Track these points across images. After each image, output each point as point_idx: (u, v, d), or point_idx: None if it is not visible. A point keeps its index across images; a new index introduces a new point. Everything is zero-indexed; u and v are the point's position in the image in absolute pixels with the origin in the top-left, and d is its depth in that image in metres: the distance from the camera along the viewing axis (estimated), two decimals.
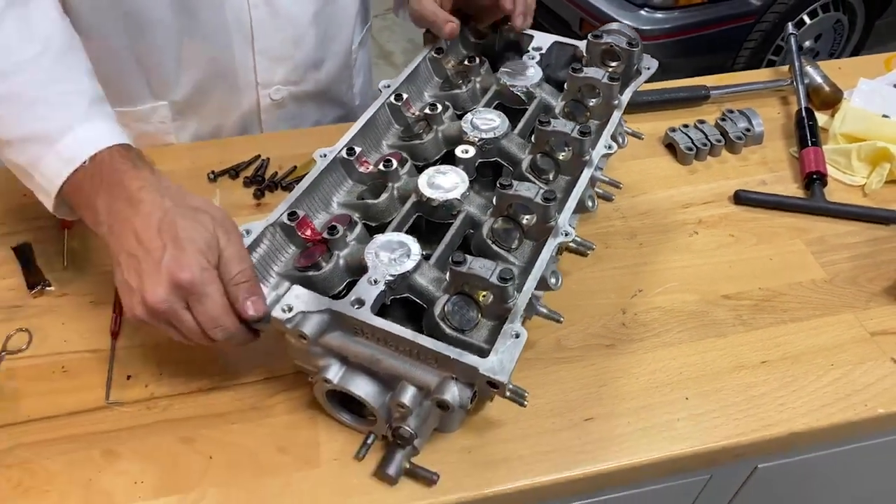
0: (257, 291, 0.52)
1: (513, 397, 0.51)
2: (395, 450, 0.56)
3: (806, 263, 0.74)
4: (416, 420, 0.54)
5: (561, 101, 0.70)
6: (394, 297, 0.55)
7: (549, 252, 0.56)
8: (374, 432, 0.58)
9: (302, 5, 0.81)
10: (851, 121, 0.85)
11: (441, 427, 0.59)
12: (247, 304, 0.51)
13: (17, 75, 0.55)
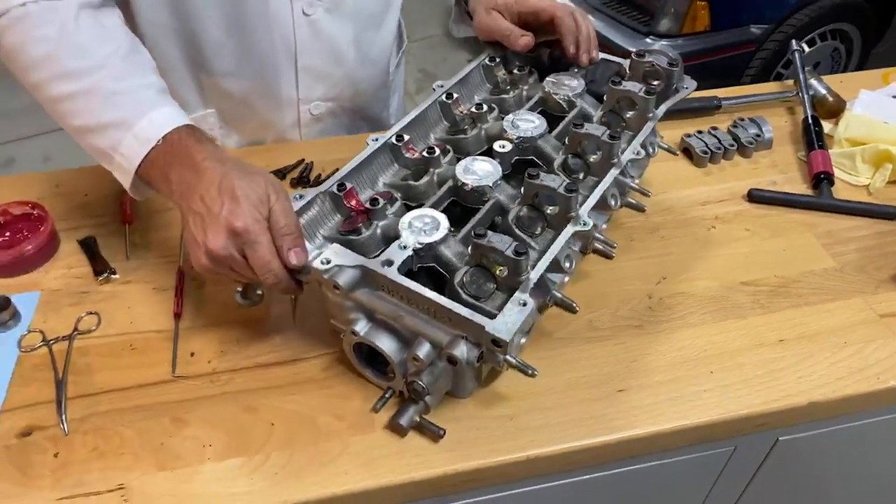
0: (300, 243, 0.58)
1: (520, 367, 0.56)
2: (409, 404, 0.61)
3: (817, 254, 0.79)
4: (429, 377, 0.59)
5: (599, 112, 0.77)
6: (420, 266, 0.60)
7: (566, 237, 0.61)
8: (392, 388, 0.63)
9: (342, 27, 0.87)
10: (855, 126, 0.92)
11: (454, 391, 0.64)
12: (290, 254, 0.57)
13: (96, 72, 0.62)
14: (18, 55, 0.62)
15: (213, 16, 0.80)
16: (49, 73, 0.62)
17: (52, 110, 0.63)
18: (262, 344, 0.70)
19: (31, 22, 0.62)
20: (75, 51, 0.62)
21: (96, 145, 0.62)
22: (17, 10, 0.62)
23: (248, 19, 0.81)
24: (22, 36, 0.62)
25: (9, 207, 0.81)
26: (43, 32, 0.62)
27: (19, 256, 0.76)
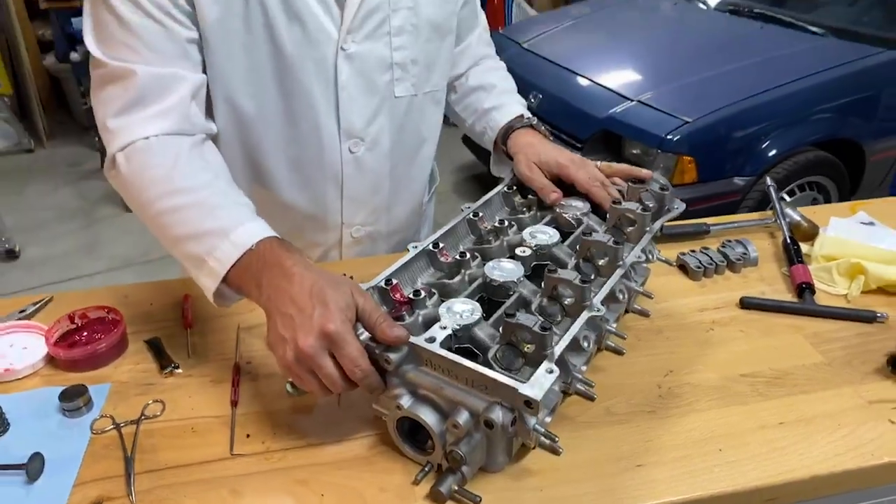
0: (394, 324, 0.67)
1: (547, 436, 0.64)
2: (447, 474, 0.67)
3: (806, 351, 0.88)
4: (467, 446, 0.66)
5: (603, 227, 0.90)
6: (457, 346, 0.70)
7: (583, 320, 0.71)
8: (430, 461, 0.69)
9: (381, 162, 1.03)
10: (829, 245, 1.04)
11: (487, 465, 0.70)
12: (392, 330, 0.66)
13: (203, 190, 0.76)
14: (136, 177, 0.76)
15: (279, 155, 0.96)
16: (162, 190, 0.75)
17: (157, 223, 0.76)
18: (311, 427, 0.77)
19: (151, 152, 0.77)
20: (185, 174, 0.76)
21: (192, 251, 0.74)
22: (140, 143, 0.77)
23: (306, 158, 0.97)
24: (142, 162, 0.77)
25: (87, 311, 0.91)
26: (159, 160, 0.76)
27: (93, 353, 0.85)
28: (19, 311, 0.95)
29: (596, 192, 0.92)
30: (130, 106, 0.78)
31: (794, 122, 2.48)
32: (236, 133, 0.92)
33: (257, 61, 0.87)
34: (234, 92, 0.88)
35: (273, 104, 0.91)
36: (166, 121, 0.79)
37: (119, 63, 0.78)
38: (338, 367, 0.67)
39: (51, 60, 4.18)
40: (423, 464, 0.70)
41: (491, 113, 1.09)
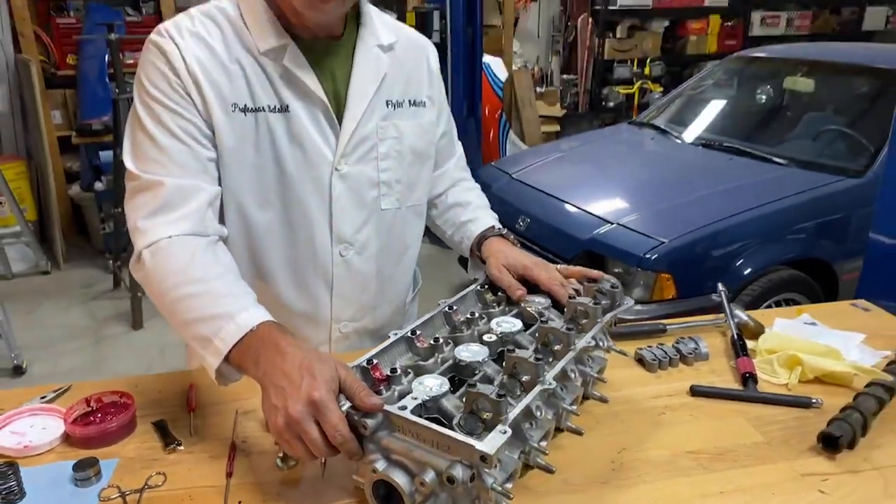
0: (371, 394, 0.78)
1: (502, 493, 0.73)
2: None
3: (748, 432, 0.97)
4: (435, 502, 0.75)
5: (561, 319, 1.02)
6: (427, 416, 0.80)
7: (535, 392, 0.82)
8: None
9: (368, 265, 1.17)
10: (770, 340, 1.16)
11: None
12: (368, 399, 0.76)
13: (213, 281, 0.90)
14: (158, 270, 0.91)
15: (278, 257, 1.10)
16: (179, 280, 0.89)
17: (173, 308, 0.89)
18: (297, 496, 0.86)
19: (172, 249, 0.92)
20: (200, 268, 0.91)
21: (201, 333, 0.87)
22: (164, 241, 0.92)
23: (301, 260, 1.12)
24: (164, 257, 0.91)
25: (102, 396, 1.02)
26: (179, 256, 0.91)
27: (105, 431, 0.95)
28: (41, 397, 1.06)
29: (556, 289, 1.06)
30: (157, 211, 0.94)
31: (764, 242, 2.65)
32: (243, 237, 1.07)
33: (264, 178, 1.04)
34: (243, 203, 1.04)
35: (276, 214, 1.07)
36: (186, 224, 0.94)
37: (150, 176, 0.95)
38: (322, 435, 0.77)
39: (75, 190, 4.48)
40: None
41: (467, 225, 1.25)
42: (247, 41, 1.01)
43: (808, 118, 3.42)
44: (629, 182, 3.14)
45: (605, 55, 6.33)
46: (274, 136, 1.03)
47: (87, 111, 4.30)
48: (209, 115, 0.99)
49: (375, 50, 1.11)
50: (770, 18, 7.19)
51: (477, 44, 4.34)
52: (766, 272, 2.63)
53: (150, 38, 0.99)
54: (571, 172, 3.41)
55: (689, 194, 2.87)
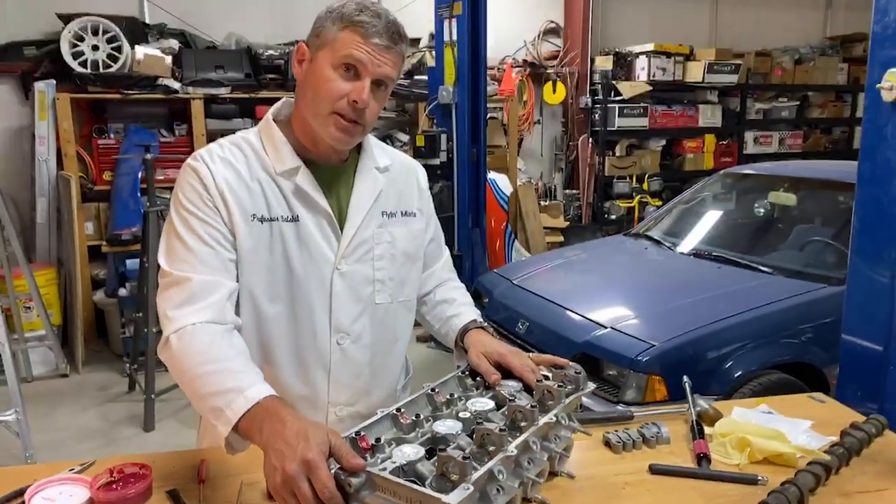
0: (356, 456, 0.91)
1: None
2: None
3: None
4: None
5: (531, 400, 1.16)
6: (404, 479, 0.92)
7: (498, 458, 0.95)
8: None
9: (362, 353, 1.32)
10: (725, 425, 1.27)
11: None
12: (353, 460, 0.90)
13: (228, 361, 1.06)
14: (182, 352, 1.08)
15: (283, 344, 1.27)
16: (200, 360, 1.06)
17: (193, 384, 1.05)
18: None
19: (195, 334, 1.09)
20: (218, 350, 1.07)
21: (215, 404, 1.02)
22: (189, 328, 1.10)
23: (303, 347, 1.28)
24: (188, 341, 1.08)
25: (124, 467, 1.15)
26: (201, 340, 1.08)
27: (125, 497, 1.08)
28: (69, 469, 1.19)
29: (526, 375, 1.20)
30: (184, 302, 1.12)
31: (753, 346, 2.76)
32: (254, 326, 1.24)
33: (275, 276, 1.22)
34: (256, 296, 1.22)
35: (283, 306, 1.24)
36: (208, 313, 1.12)
37: (179, 272, 1.14)
38: (312, 491, 0.90)
39: (99, 296, 4.70)
40: None
41: (452, 319, 1.41)
42: (266, 164, 1.23)
43: (792, 230, 3.62)
44: (624, 289, 3.30)
45: (606, 172, 6.69)
46: (285, 240, 1.22)
47: (119, 222, 4.61)
48: (232, 224, 1.19)
49: (373, 171, 1.33)
50: (763, 138, 7.60)
51: (481, 162, 4.66)
52: (756, 375, 2.72)
53: (188, 162, 1.22)
54: (569, 279, 3.59)
55: (679, 300, 3.02)
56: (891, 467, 1.18)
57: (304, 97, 1.23)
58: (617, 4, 7.05)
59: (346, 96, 1.17)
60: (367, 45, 1.16)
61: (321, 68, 1.18)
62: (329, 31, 1.18)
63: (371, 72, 1.17)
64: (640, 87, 6.55)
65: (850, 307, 2.07)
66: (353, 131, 1.21)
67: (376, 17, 1.17)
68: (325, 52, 1.18)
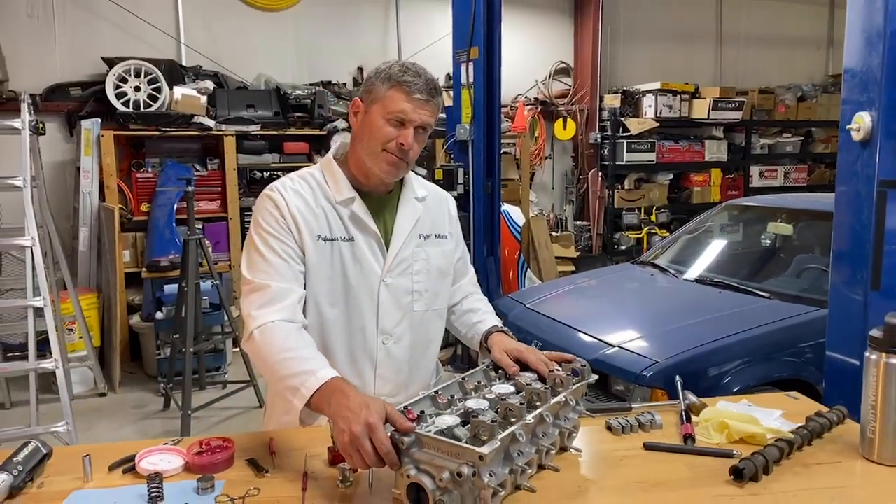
0: (407, 420, 1.15)
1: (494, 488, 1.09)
2: None
3: (682, 471, 1.31)
4: (448, 498, 1.10)
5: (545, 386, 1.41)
6: None
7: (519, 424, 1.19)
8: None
9: (402, 352, 1.58)
10: (708, 413, 1.51)
11: None
12: (405, 423, 1.14)
13: (301, 350, 1.32)
14: (265, 343, 1.34)
15: (338, 342, 1.53)
16: (279, 348, 1.32)
17: (273, 368, 1.31)
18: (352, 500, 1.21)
19: (275, 330, 1.36)
20: (292, 342, 1.34)
21: (291, 384, 1.28)
22: (269, 325, 1.36)
23: (354, 345, 1.54)
24: (269, 335, 1.35)
25: (210, 441, 1.41)
26: (279, 334, 1.35)
27: (215, 461, 1.33)
28: (163, 443, 1.45)
29: (541, 367, 1.45)
30: (264, 304, 1.39)
31: (750, 363, 2.98)
32: (317, 326, 1.50)
33: (334, 286, 1.49)
34: (319, 302, 1.49)
35: (340, 311, 1.51)
36: (284, 314, 1.39)
37: (260, 280, 1.42)
38: (373, 448, 1.15)
39: (135, 320, 4.99)
40: None
41: (477, 325, 1.66)
42: (328, 194, 1.51)
43: (789, 257, 3.86)
44: (630, 312, 3.54)
45: (615, 204, 6.96)
46: (343, 257, 1.49)
47: (155, 250, 4.92)
48: (302, 243, 1.46)
49: (413, 201, 1.60)
50: (768, 172, 7.86)
51: (496, 194, 4.95)
52: (753, 391, 2.94)
53: (265, 192, 1.50)
54: (579, 304, 3.83)
55: (682, 322, 3.25)
56: (846, 447, 1.41)
57: (360, 141, 1.51)
58: (624, 45, 7.41)
59: (395, 139, 1.45)
60: (410, 100, 1.44)
61: (375, 119, 1.46)
62: (379, 89, 1.47)
63: (413, 120, 1.46)
64: (647, 124, 6.85)
65: (831, 325, 2.30)
66: (400, 166, 1.50)
67: (417, 77, 1.46)
68: (377, 107, 1.46)
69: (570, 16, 7.17)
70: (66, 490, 1.26)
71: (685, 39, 7.68)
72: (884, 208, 2.03)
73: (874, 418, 1.34)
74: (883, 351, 1.32)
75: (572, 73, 7.17)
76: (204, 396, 4.42)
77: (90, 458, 1.31)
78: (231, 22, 5.88)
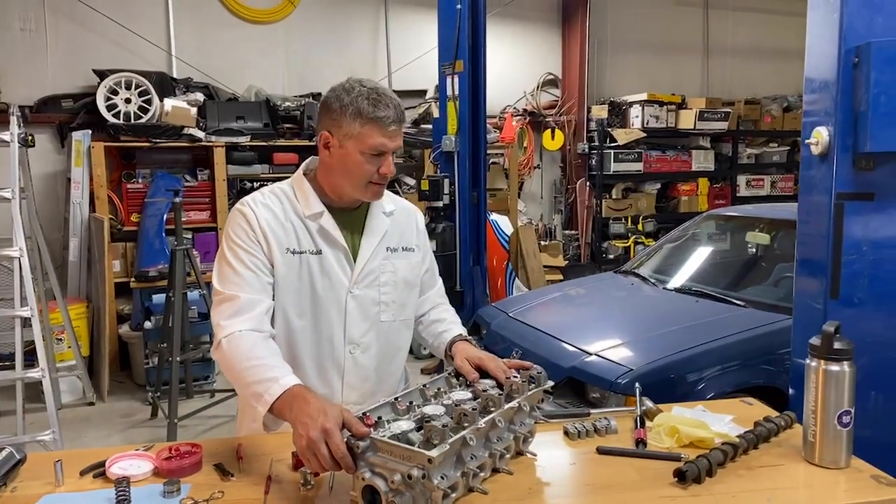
0: (363, 425, 1.21)
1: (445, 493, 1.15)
2: None
3: (630, 474, 1.37)
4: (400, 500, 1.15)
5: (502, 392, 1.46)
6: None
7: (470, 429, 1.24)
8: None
9: (369, 361, 1.64)
10: (661, 418, 1.57)
11: None
12: (360, 428, 1.20)
13: (266, 359, 1.38)
14: (231, 351, 1.40)
15: (306, 352, 1.59)
16: (245, 356, 1.38)
17: (239, 376, 1.37)
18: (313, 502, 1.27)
19: (241, 338, 1.41)
20: (258, 350, 1.40)
21: (256, 390, 1.33)
22: (237, 334, 1.42)
23: (322, 355, 1.60)
24: (236, 344, 1.41)
25: (180, 446, 1.46)
26: (245, 343, 1.41)
27: (181, 466, 1.39)
28: (135, 449, 1.50)
29: (499, 374, 1.50)
30: (233, 314, 1.45)
31: (724, 370, 3.04)
32: (285, 336, 1.56)
33: (301, 297, 1.55)
34: (287, 313, 1.55)
35: (308, 321, 1.56)
36: (251, 323, 1.45)
37: (230, 291, 1.47)
38: (329, 453, 1.21)
39: (124, 329, 5.03)
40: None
41: (443, 334, 1.72)
42: (297, 208, 1.58)
43: (767, 267, 3.92)
44: (609, 321, 3.60)
45: (603, 213, 7.04)
46: (311, 269, 1.55)
47: (145, 260, 4.97)
48: (271, 255, 1.53)
49: (381, 215, 1.67)
50: (755, 181, 7.95)
51: (481, 204, 5.02)
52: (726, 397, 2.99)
53: (237, 207, 1.56)
54: (560, 312, 3.89)
55: (658, 330, 3.31)
56: (791, 450, 1.47)
57: (339, 175, 1.56)
58: (612, 57, 7.51)
59: (377, 171, 1.52)
60: (386, 134, 1.50)
61: (352, 155, 1.51)
62: (351, 126, 1.50)
63: (391, 150, 1.52)
64: (634, 134, 6.94)
65: (795, 332, 2.36)
66: (383, 190, 1.59)
67: (388, 109, 1.50)
68: (352, 143, 1.51)
69: (557, 27, 7.27)
70: (37, 494, 1.31)
71: (672, 51, 7.79)
72: (841, 219, 2.09)
73: (814, 422, 1.40)
74: (821, 358, 1.39)
75: (560, 84, 7.26)
76: (191, 405, 4.46)
77: (61, 464, 1.36)
78: (222, 34, 5.96)
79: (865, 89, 1.97)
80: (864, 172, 2.05)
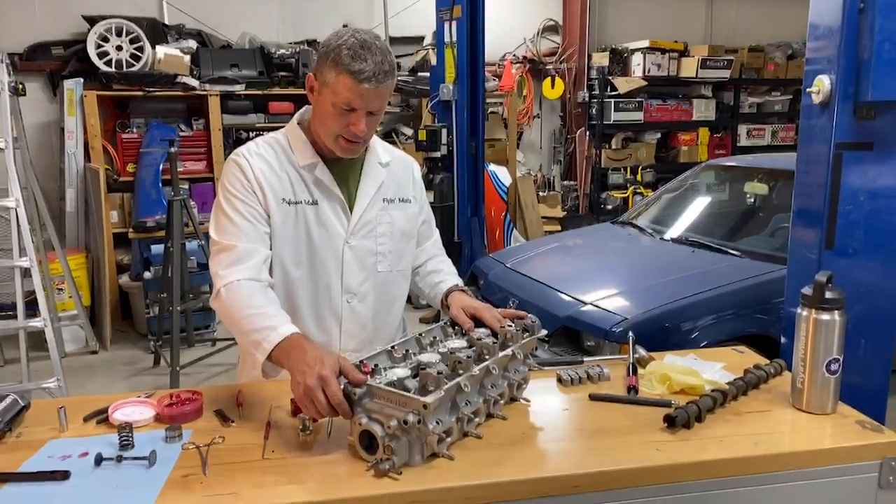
0: (359, 373, 1.24)
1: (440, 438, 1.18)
2: (385, 461, 1.18)
3: (621, 419, 1.40)
4: (396, 444, 1.18)
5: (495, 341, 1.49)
6: None
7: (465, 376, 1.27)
8: (377, 459, 1.20)
9: (366, 309, 1.65)
10: (653, 366, 1.60)
11: (409, 461, 1.21)
12: (357, 375, 1.22)
13: (264, 307, 1.40)
14: (230, 300, 1.41)
15: (304, 301, 1.60)
16: (244, 305, 1.39)
17: (238, 324, 1.39)
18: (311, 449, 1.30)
19: (240, 287, 1.43)
20: (257, 299, 1.41)
21: (254, 338, 1.35)
22: (235, 283, 1.43)
23: (320, 304, 1.61)
24: (234, 293, 1.42)
25: (181, 393, 1.49)
26: (244, 292, 1.42)
27: (182, 413, 1.42)
28: (136, 396, 1.53)
29: (494, 324, 1.52)
30: (231, 264, 1.46)
31: (718, 319, 3.08)
32: (282, 285, 1.57)
33: (299, 246, 1.56)
34: (284, 262, 1.56)
35: (305, 271, 1.57)
36: (249, 273, 1.45)
37: (227, 241, 1.48)
38: (327, 399, 1.23)
39: (124, 279, 5.06)
40: (373, 461, 1.23)
41: (439, 285, 1.74)
42: (292, 159, 1.57)
43: (764, 217, 3.93)
44: (606, 271, 3.62)
45: (602, 164, 7.00)
46: (307, 219, 1.55)
47: (142, 211, 4.96)
48: (266, 205, 1.52)
49: (377, 166, 1.66)
50: (756, 131, 7.88)
51: (479, 155, 4.98)
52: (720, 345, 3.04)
53: (231, 157, 1.55)
54: (557, 263, 3.91)
55: (654, 280, 3.33)
56: (779, 396, 1.50)
57: (317, 120, 1.55)
58: (614, 2, 7.33)
59: (346, 126, 1.48)
60: (358, 90, 1.43)
61: (325, 105, 1.48)
62: (328, 74, 1.45)
63: (363, 108, 1.47)
64: (634, 83, 6.84)
65: (790, 282, 2.38)
66: (356, 147, 1.55)
67: (365, 63, 1.42)
68: (327, 92, 1.47)
69: None
70: (42, 439, 1.34)
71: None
72: (839, 169, 2.09)
73: (803, 370, 1.43)
74: (812, 307, 1.41)
75: (561, 30, 7.11)
76: (193, 353, 4.52)
77: (65, 410, 1.39)
78: None
79: (870, 36, 1.93)
80: (865, 122, 2.03)
